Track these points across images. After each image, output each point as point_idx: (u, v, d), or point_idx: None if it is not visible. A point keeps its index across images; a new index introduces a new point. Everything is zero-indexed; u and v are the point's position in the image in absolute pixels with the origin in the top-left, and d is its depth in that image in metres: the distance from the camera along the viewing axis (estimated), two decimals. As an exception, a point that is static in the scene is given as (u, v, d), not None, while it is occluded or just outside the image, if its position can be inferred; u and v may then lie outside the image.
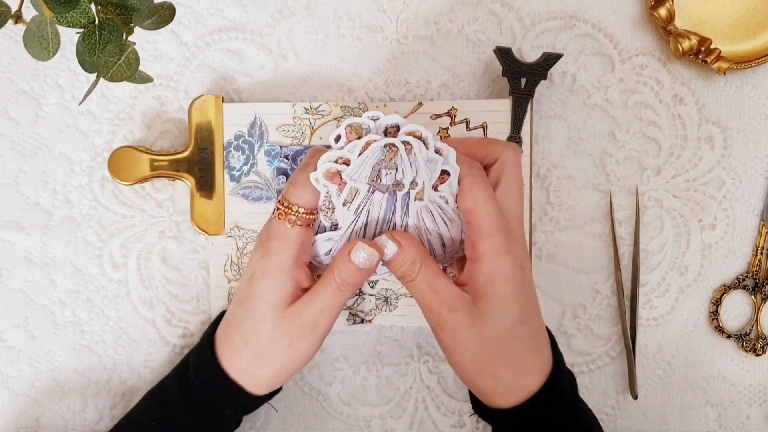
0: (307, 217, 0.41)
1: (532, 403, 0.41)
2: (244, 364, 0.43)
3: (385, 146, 0.39)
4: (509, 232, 0.40)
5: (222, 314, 0.46)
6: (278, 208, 0.41)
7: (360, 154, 0.39)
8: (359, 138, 0.39)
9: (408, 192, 0.40)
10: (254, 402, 0.45)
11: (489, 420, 0.44)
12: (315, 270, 0.45)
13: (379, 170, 0.40)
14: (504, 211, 0.40)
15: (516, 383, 0.41)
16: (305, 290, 0.42)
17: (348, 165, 0.39)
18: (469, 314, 0.39)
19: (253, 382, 0.43)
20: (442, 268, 0.43)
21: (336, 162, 0.40)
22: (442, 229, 0.42)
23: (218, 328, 0.45)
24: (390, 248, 0.41)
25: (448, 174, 0.40)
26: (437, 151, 0.40)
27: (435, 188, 0.40)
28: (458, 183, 0.40)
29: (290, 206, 0.40)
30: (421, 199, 0.41)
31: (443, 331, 0.40)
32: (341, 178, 0.40)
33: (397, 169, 0.40)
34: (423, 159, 0.40)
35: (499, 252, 0.39)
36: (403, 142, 0.39)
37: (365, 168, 0.40)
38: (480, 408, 0.43)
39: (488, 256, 0.39)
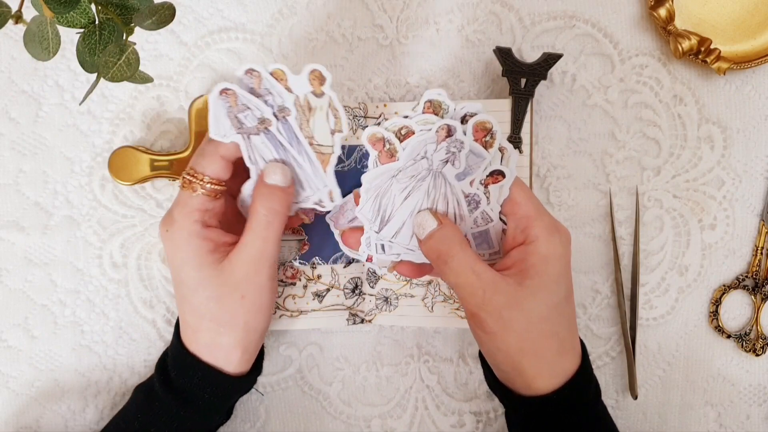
0: (213, 187, 0.41)
1: (571, 385, 0.41)
2: (208, 338, 0.43)
3: (220, 93, 0.40)
4: (549, 213, 0.42)
5: None
6: (184, 177, 0.42)
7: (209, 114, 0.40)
8: (435, 113, 0.40)
9: (284, 119, 0.41)
10: (233, 383, 0.44)
11: (524, 411, 0.43)
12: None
13: (235, 116, 0.40)
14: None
15: (559, 364, 0.41)
16: (231, 245, 0.42)
17: (410, 136, 0.40)
18: (515, 295, 0.39)
19: (225, 357, 0.43)
20: None
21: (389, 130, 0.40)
22: (479, 223, 0.42)
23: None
24: (430, 223, 0.41)
25: (503, 176, 0.40)
26: (501, 150, 0.40)
27: (486, 186, 0.40)
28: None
29: (195, 174, 0.41)
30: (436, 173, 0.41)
31: (489, 314, 0.40)
32: (384, 144, 0.40)
33: (249, 108, 0.40)
34: (467, 148, 0.40)
35: (551, 231, 0.40)
36: (224, 90, 0.40)
37: (223, 122, 0.40)
38: (514, 400, 0.43)
39: (543, 236, 0.40)
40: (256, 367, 0.47)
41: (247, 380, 0.46)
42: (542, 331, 0.40)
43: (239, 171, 0.43)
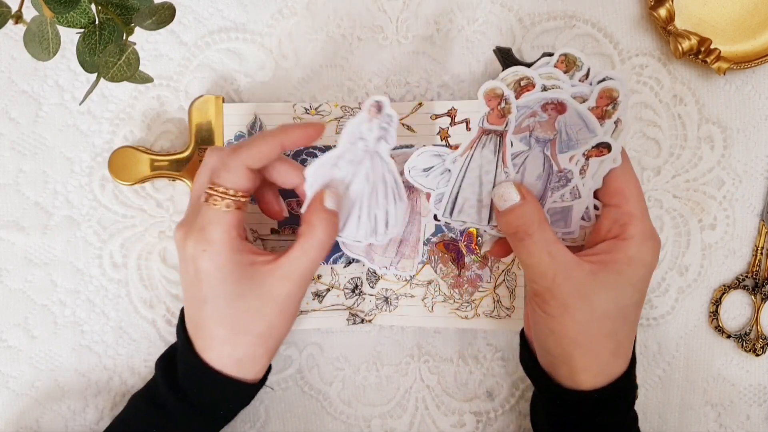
0: (242, 200, 0.41)
1: (614, 387, 0.41)
2: (242, 352, 0.42)
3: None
4: (649, 218, 0.41)
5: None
6: (211, 194, 0.41)
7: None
8: (567, 71, 0.37)
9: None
10: (255, 389, 0.45)
11: (557, 401, 0.43)
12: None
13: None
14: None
15: (609, 365, 0.41)
16: (264, 257, 0.42)
17: (529, 89, 0.37)
18: (586, 284, 0.39)
19: (252, 367, 0.43)
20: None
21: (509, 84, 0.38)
22: (565, 198, 0.41)
23: (189, 331, 0.44)
24: (513, 196, 0.39)
25: (609, 150, 0.38)
26: (616, 122, 0.38)
27: (587, 158, 0.39)
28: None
29: (226, 191, 0.40)
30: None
31: (554, 297, 0.39)
32: (499, 102, 0.38)
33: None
34: (575, 113, 0.38)
35: (647, 237, 0.40)
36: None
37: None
38: (550, 387, 0.43)
39: (637, 239, 0.39)
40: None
41: (262, 382, 0.46)
42: (603, 328, 0.39)
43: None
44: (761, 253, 0.52)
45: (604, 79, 0.37)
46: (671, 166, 0.52)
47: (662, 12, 0.50)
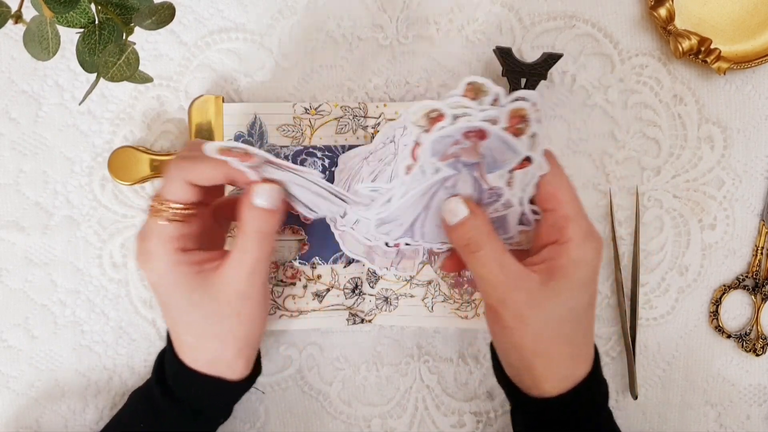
0: (184, 213, 0.40)
1: (577, 391, 0.41)
2: (210, 356, 0.42)
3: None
4: (587, 217, 0.41)
5: None
6: (152, 206, 0.40)
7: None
8: (475, 98, 0.38)
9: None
10: (237, 388, 0.45)
11: (527, 410, 0.43)
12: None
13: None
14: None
15: (570, 369, 0.41)
16: (215, 259, 0.41)
17: (440, 119, 0.38)
18: (538, 293, 0.39)
19: (228, 368, 0.43)
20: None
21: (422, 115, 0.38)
22: (499, 209, 0.41)
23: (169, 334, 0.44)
24: (462, 211, 0.40)
25: (530, 161, 0.39)
26: (532, 136, 0.39)
27: (511, 171, 0.40)
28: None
29: (165, 202, 0.40)
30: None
31: (507, 309, 0.39)
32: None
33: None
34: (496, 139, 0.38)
35: (586, 236, 0.40)
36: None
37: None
38: (519, 398, 0.43)
39: (576, 240, 0.39)
40: (256, 367, 0.47)
41: (249, 382, 0.46)
42: (559, 334, 0.40)
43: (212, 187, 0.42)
44: (761, 253, 0.52)
45: (515, 100, 0.38)
46: (671, 166, 0.52)
47: (662, 12, 0.50)
